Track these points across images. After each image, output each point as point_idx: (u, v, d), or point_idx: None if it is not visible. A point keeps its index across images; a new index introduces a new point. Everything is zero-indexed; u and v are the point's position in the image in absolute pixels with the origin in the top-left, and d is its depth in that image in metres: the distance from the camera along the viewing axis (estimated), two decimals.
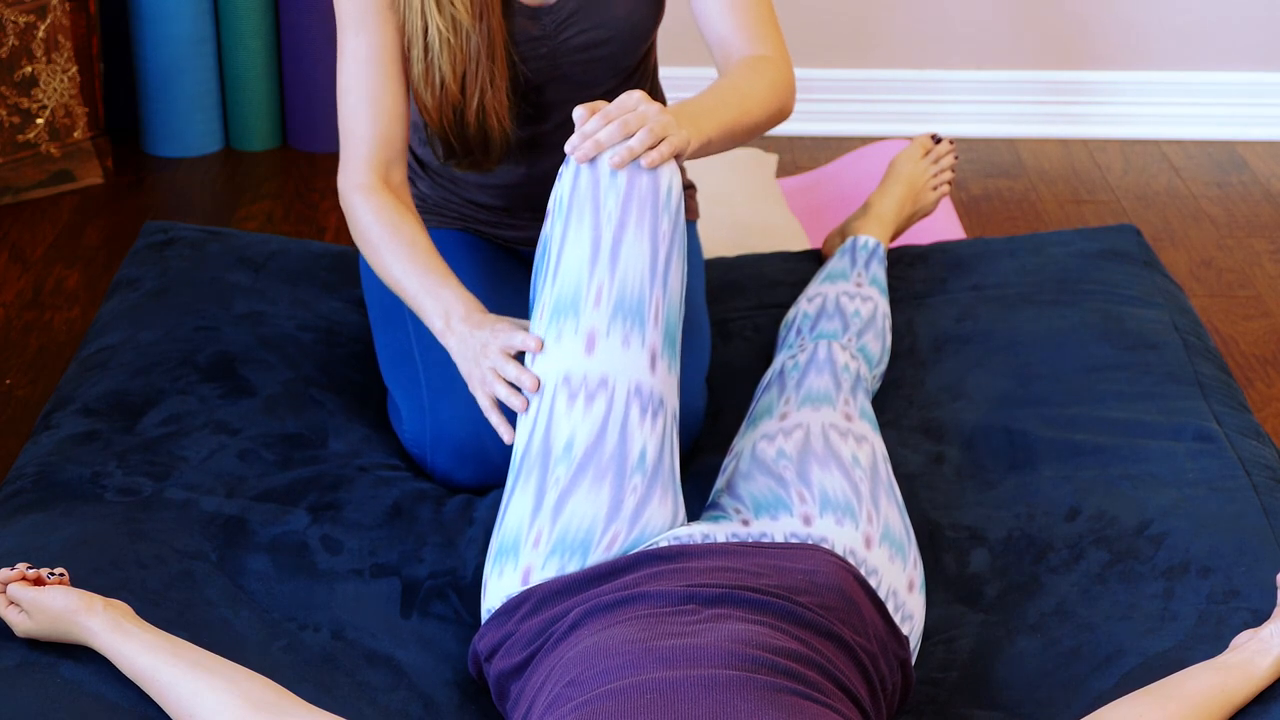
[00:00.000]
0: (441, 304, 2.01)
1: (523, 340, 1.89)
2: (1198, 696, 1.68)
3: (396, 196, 2.10)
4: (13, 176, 3.66)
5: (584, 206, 1.84)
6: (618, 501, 1.81)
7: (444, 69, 2.07)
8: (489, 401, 1.96)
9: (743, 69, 2.10)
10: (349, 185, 2.11)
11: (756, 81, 2.08)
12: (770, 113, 2.09)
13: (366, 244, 2.09)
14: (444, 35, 2.05)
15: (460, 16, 2.05)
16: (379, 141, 2.11)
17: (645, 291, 1.84)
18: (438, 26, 2.05)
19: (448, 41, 2.06)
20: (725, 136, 1.99)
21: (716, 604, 1.70)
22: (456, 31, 2.06)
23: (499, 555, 1.84)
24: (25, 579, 1.78)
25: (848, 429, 1.99)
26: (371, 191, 2.10)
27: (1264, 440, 2.21)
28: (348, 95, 2.12)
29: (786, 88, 2.13)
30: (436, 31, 2.05)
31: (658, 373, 1.85)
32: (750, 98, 2.05)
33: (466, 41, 2.06)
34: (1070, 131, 4.06)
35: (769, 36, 2.15)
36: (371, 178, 2.10)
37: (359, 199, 2.10)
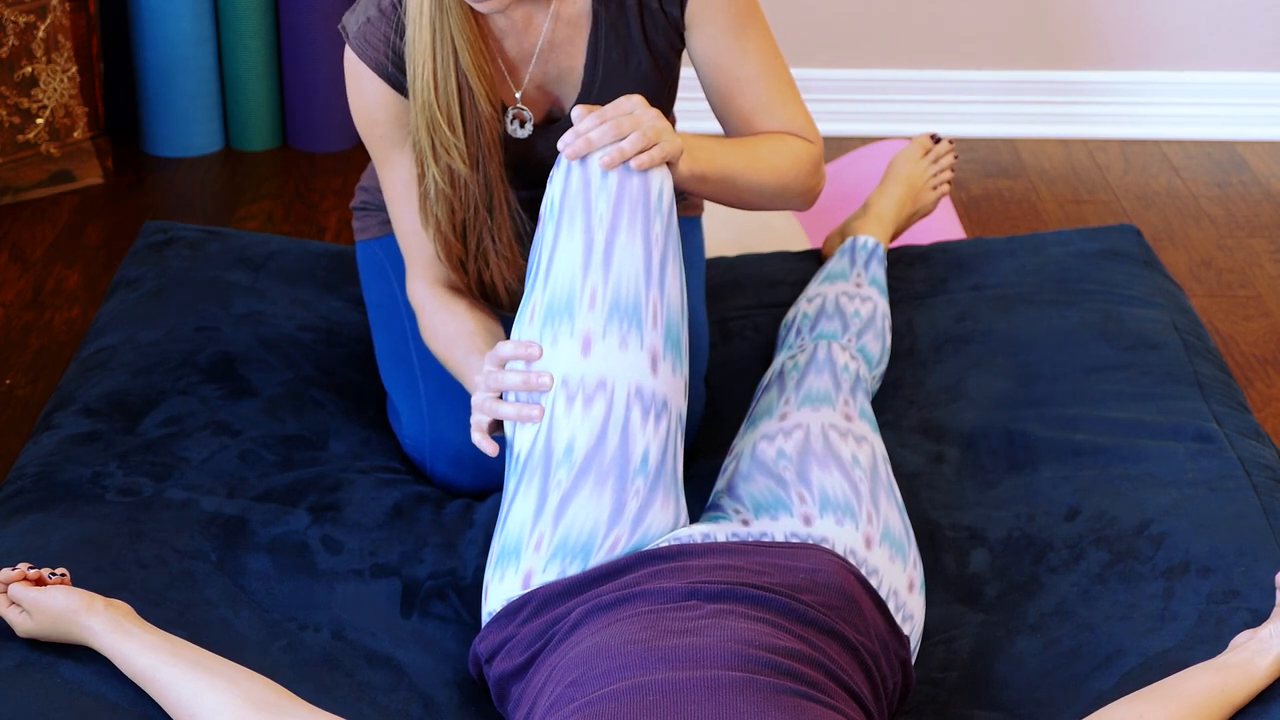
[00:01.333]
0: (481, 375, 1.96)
1: (514, 348, 1.84)
2: (1198, 696, 1.68)
3: (458, 292, 2.08)
4: (13, 176, 3.66)
5: (575, 208, 1.84)
6: (620, 505, 1.81)
7: (441, 218, 2.01)
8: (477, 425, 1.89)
9: (768, 136, 2.05)
10: (414, 298, 2.10)
11: (777, 150, 2.03)
12: (784, 184, 2.04)
13: (428, 342, 2.08)
14: (439, 185, 1.99)
15: (457, 166, 1.98)
16: (430, 262, 2.08)
17: (641, 293, 1.83)
18: (434, 176, 1.99)
19: (443, 192, 1.99)
20: (723, 180, 1.96)
21: (719, 599, 1.69)
22: (453, 183, 1.99)
23: (500, 558, 1.84)
24: (26, 579, 1.78)
25: (847, 429, 1.99)
26: (430, 298, 2.08)
27: (1264, 440, 2.21)
28: (397, 221, 2.09)
29: (811, 169, 2.06)
30: (433, 180, 1.99)
31: (660, 375, 1.84)
32: (763, 160, 2.01)
33: (464, 191, 2.00)
34: (1070, 131, 4.06)
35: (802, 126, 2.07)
36: (433, 289, 2.09)
37: (422, 303, 2.08)
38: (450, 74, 1.94)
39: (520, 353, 1.83)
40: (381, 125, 2.03)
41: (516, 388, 1.83)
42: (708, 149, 1.94)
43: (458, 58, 1.94)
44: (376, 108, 2.02)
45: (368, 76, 2.00)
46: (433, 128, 1.96)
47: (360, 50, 2.00)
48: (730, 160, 1.97)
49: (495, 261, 2.05)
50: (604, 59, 2.03)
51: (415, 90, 1.95)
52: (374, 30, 1.99)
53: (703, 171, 1.92)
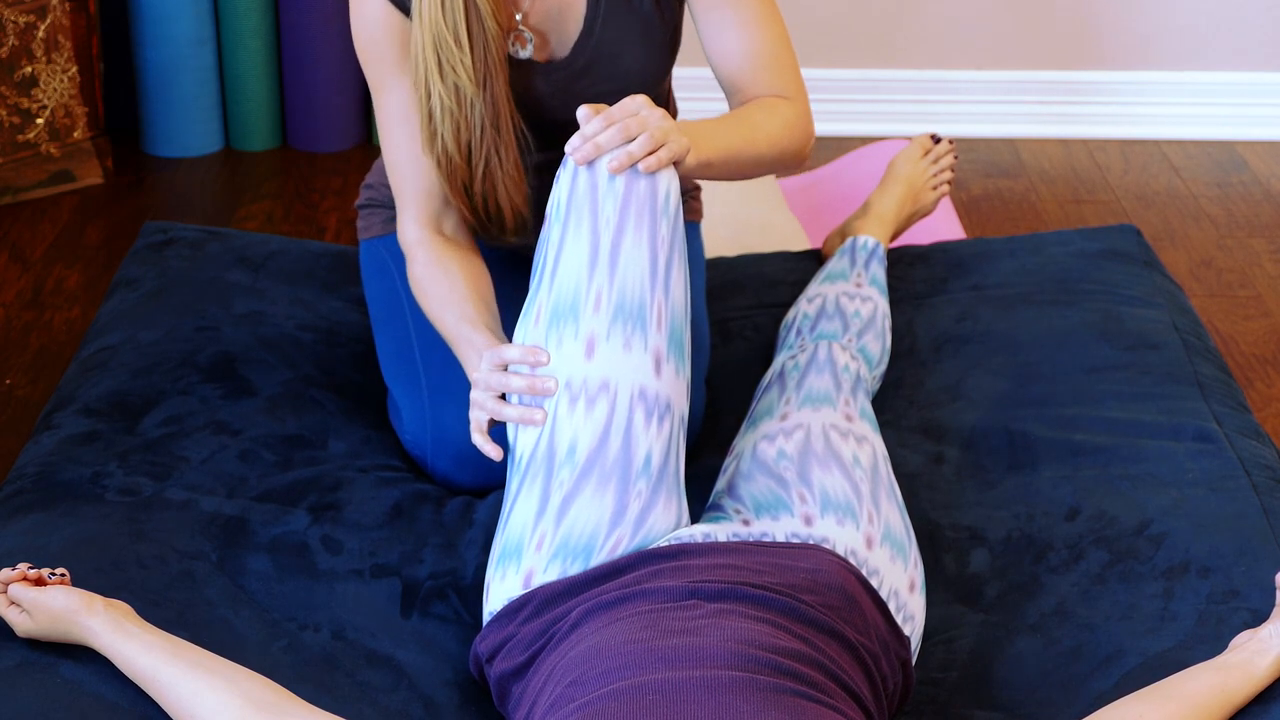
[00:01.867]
0: (475, 352, 1.97)
1: (521, 352, 1.84)
2: (1198, 697, 1.68)
3: (449, 242, 2.08)
4: (13, 176, 3.66)
5: (582, 210, 1.84)
6: (622, 506, 1.81)
7: (446, 139, 2.01)
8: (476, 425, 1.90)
9: (755, 104, 2.06)
10: (405, 243, 2.10)
11: (770, 118, 2.04)
12: (779, 148, 2.04)
13: (416, 294, 2.07)
14: (445, 104, 1.99)
15: (463, 83, 1.98)
16: (424, 197, 2.07)
17: (646, 295, 1.83)
18: (440, 94, 1.98)
19: (450, 110, 1.99)
20: (727, 162, 1.96)
21: (719, 599, 1.69)
22: (460, 101, 1.99)
23: (502, 558, 1.84)
24: (26, 579, 1.78)
25: (848, 429, 1.99)
26: (424, 245, 2.07)
27: (1264, 440, 2.21)
28: (388, 153, 2.09)
29: (801, 127, 2.08)
30: (439, 99, 1.99)
31: (663, 377, 1.84)
32: (760, 131, 2.01)
33: (470, 110, 2.00)
34: (1070, 131, 4.06)
35: (789, 81, 2.09)
36: (423, 232, 2.08)
37: (417, 253, 2.08)
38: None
39: (528, 358, 1.83)
40: (382, 45, 2.03)
41: (520, 390, 1.83)
42: (709, 135, 1.94)
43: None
44: (378, 27, 2.02)
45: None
46: (439, 45, 1.96)
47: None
48: (730, 140, 1.97)
49: (502, 181, 2.04)
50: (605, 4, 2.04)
51: (421, 8, 1.96)
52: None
53: (708, 158, 1.93)
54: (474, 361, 1.97)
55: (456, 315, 2.01)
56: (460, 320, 2.00)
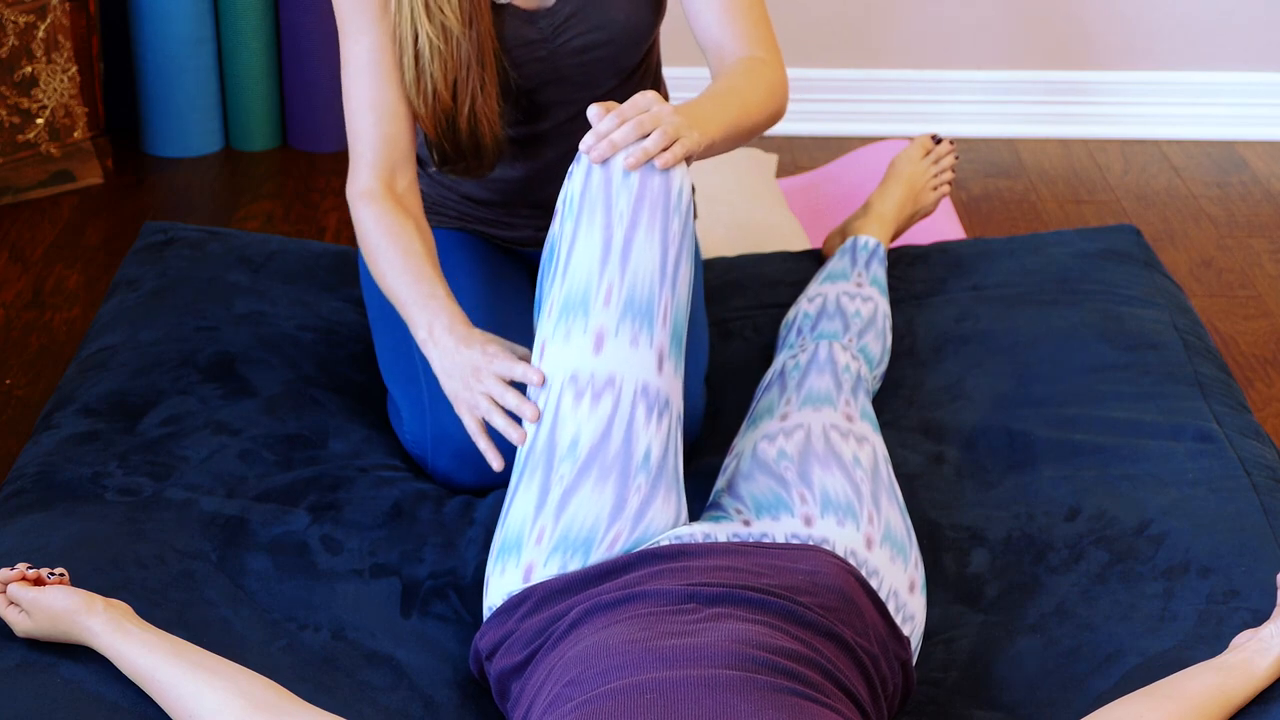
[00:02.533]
0: (426, 314, 2.00)
1: (524, 372, 1.87)
2: (1198, 697, 1.67)
3: (400, 203, 2.10)
4: (13, 176, 3.66)
5: (595, 206, 1.84)
6: (621, 501, 1.81)
7: (435, 76, 2.06)
8: (477, 425, 1.95)
9: (739, 72, 2.10)
10: (354, 192, 2.11)
11: (754, 84, 2.08)
12: (768, 114, 2.09)
13: (365, 251, 2.09)
14: (434, 43, 2.04)
15: (450, 23, 2.04)
16: (383, 144, 2.10)
17: (655, 292, 1.84)
18: (427, 34, 2.04)
19: (438, 49, 2.05)
20: (727, 138, 2.00)
21: (717, 603, 1.70)
22: (447, 39, 2.05)
23: (501, 552, 1.84)
24: (25, 579, 1.78)
25: (849, 429, 1.99)
26: (374, 198, 2.09)
27: (1264, 440, 2.21)
28: (350, 100, 2.11)
29: (782, 89, 2.13)
30: (426, 39, 2.04)
31: (664, 373, 1.85)
32: (749, 100, 2.05)
33: (457, 48, 2.05)
34: (1070, 131, 4.06)
35: (763, 39, 2.15)
36: (376, 184, 2.10)
37: (363, 206, 2.10)
38: None
39: (528, 377, 1.86)
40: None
41: (512, 407, 1.87)
42: (709, 117, 1.96)
43: None
44: None
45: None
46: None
47: None
48: (728, 117, 2.00)
49: (484, 114, 2.09)
50: None
51: None
52: None
53: (711, 139, 1.95)
54: (422, 320, 1.99)
55: (413, 277, 2.03)
56: (417, 280, 2.02)
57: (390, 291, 2.05)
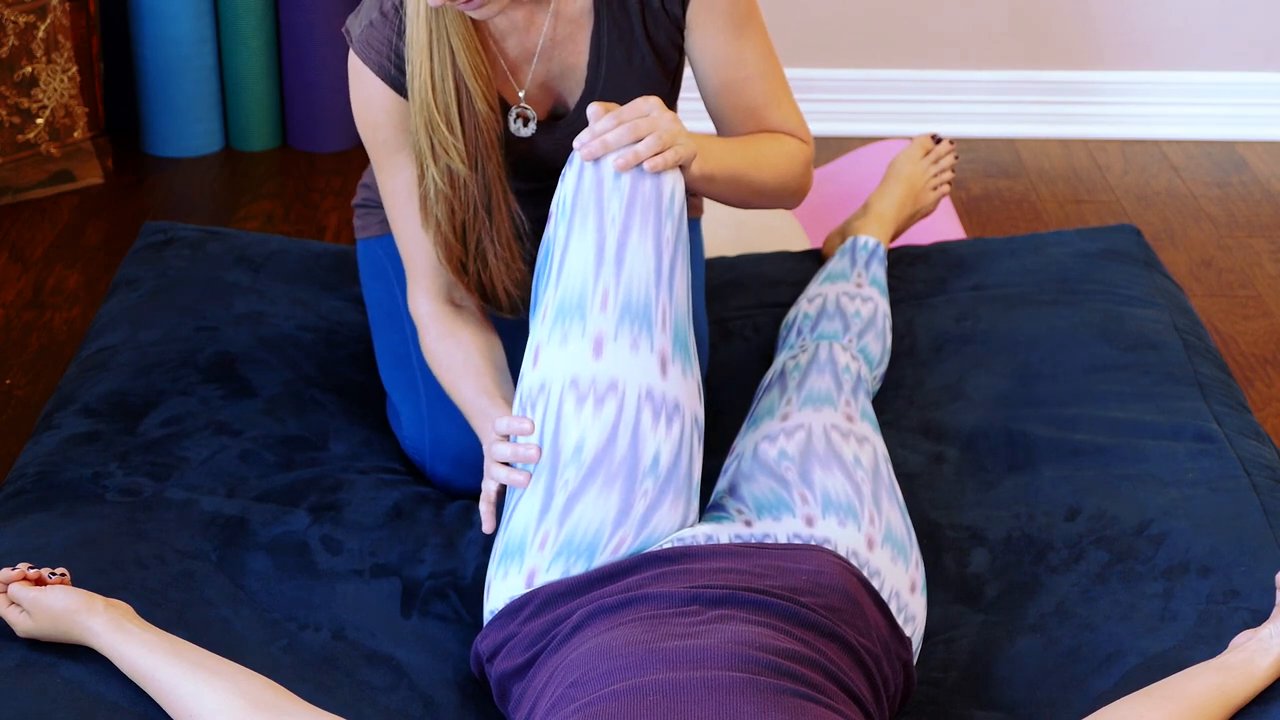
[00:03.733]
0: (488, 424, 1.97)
1: (507, 425, 1.85)
2: (1198, 697, 1.67)
3: (460, 311, 2.08)
4: (13, 176, 3.66)
5: (588, 209, 1.84)
6: (627, 505, 1.81)
7: (442, 220, 2.01)
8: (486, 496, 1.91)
9: (768, 135, 2.08)
10: (417, 313, 2.10)
11: (777, 150, 2.06)
12: (781, 183, 2.07)
13: (432, 365, 2.08)
14: (439, 186, 1.99)
15: (456, 166, 1.98)
16: (434, 270, 2.07)
17: (651, 296, 1.83)
18: (433, 176, 1.99)
19: (443, 194, 1.99)
20: (729, 180, 1.98)
21: (720, 605, 1.70)
22: (453, 183, 1.99)
23: (504, 556, 1.84)
24: (26, 579, 1.78)
25: (849, 430, 1.99)
26: (433, 317, 2.08)
27: (1264, 440, 2.21)
28: (397, 226, 2.08)
29: (803, 163, 2.10)
30: (432, 181, 1.99)
31: (670, 378, 1.84)
32: (764, 158, 2.03)
33: (464, 191, 2.00)
34: (1070, 131, 4.06)
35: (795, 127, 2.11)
36: (434, 305, 2.09)
37: (424, 321, 2.08)
38: (448, 74, 1.94)
39: (514, 427, 1.84)
40: (384, 129, 2.03)
41: (507, 458, 1.85)
42: (715, 150, 1.95)
43: (454, 57, 1.94)
44: (379, 111, 2.02)
45: (370, 80, 2.00)
46: (431, 128, 1.96)
47: (363, 53, 2.00)
48: (736, 161, 1.99)
49: (494, 263, 2.05)
50: (607, 57, 2.03)
51: (413, 90, 1.95)
52: (376, 33, 1.99)
53: (711, 172, 1.93)
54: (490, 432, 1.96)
55: (474, 388, 2.02)
56: (478, 393, 2.01)
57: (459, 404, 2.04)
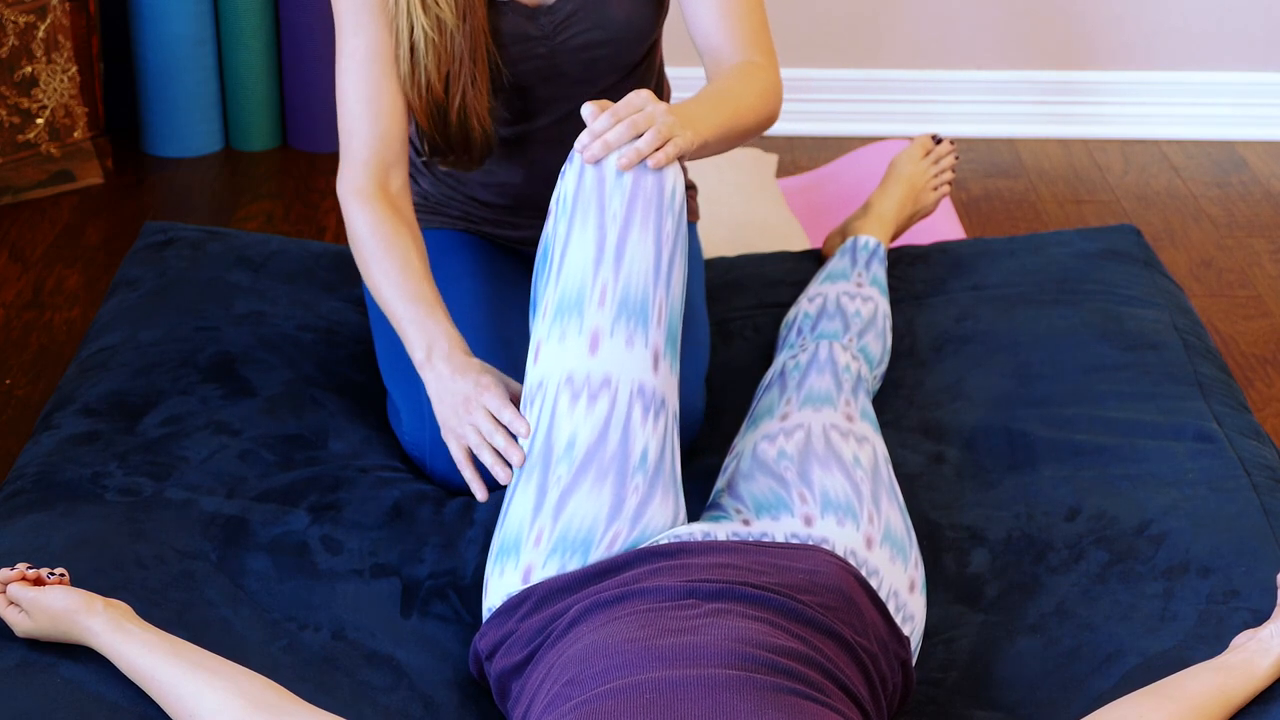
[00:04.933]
0: (425, 336, 2.00)
1: (511, 419, 1.87)
2: (1198, 697, 1.68)
3: (394, 207, 2.09)
4: (13, 176, 3.66)
5: (589, 206, 1.85)
6: (619, 501, 1.81)
7: (429, 69, 2.08)
8: (464, 455, 1.95)
9: (734, 75, 2.10)
10: (346, 189, 2.11)
11: (749, 87, 2.08)
12: (761, 117, 2.10)
13: (359, 256, 2.09)
14: (429, 35, 2.06)
15: (445, 16, 2.05)
16: (378, 141, 2.10)
17: (649, 291, 1.84)
18: (423, 26, 2.05)
19: (433, 42, 2.06)
20: (720, 139, 2.00)
21: (717, 599, 1.70)
22: (441, 31, 2.06)
23: (500, 554, 1.84)
24: (25, 579, 1.78)
25: (849, 429, 1.99)
26: (368, 200, 2.09)
27: (1264, 440, 2.21)
28: (345, 95, 2.12)
29: (775, 94, 2.13)
30: (422, 31, 2.06)
31: (660, 373, 1.85)
32: (743, 102, 2.05)
33: (450, 41, 2.07)
34: (1070, 131, 4.06)
35: (760, 44, 2.15)
36: (369, 183, 2.09)
37: (356, 207, 2.09)
38: None
39: (518, 427, 1.86)
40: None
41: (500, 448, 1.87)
42: (703, 116, 1.96)
43: None
44: None
45: None
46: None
47: None
48: (722, 118, 2.00)
49: (475, 108, 2.10)
50: None
51: None
52: None
53: (704, 139, 1.95)
54: (420, 342, 1.99)
55: (410, 294, 2.03)
56: (414, 299, 2.02)
57: (385, 304, 2.05)
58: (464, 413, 1.93)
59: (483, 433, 1.90)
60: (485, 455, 1.89)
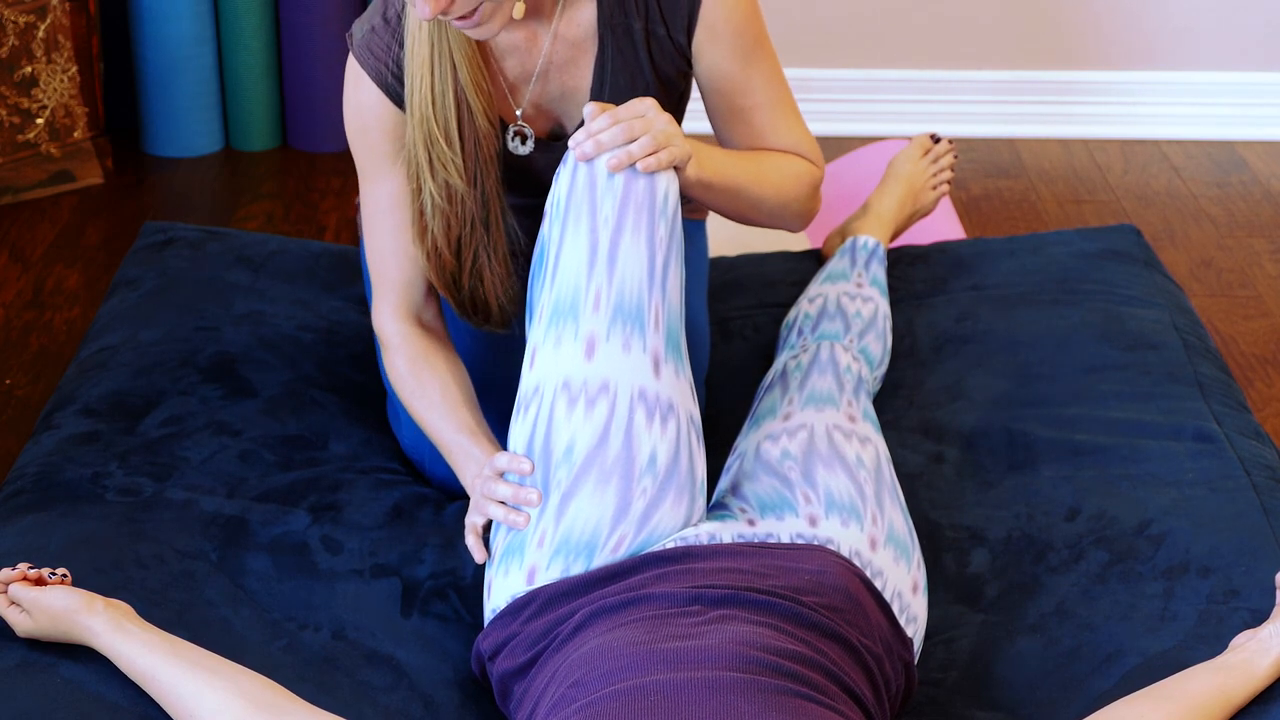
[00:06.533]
0: (475, 463, 1.96)
1: (508, 461, 1.84)
2: (1198, 697, 1.68)
3: (427, 335, 2.06)
4: (13, 176, 3.66)
5: (581, 209, 1.84)
6: (625, 504, 1.81)
7: (436, 234, 2.00)
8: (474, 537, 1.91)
9: (775, 153, 2.06)
10: (383, 331, 2.07)
11: (782, 167, 2.04)
12: (784, 201, 2.05)
13: (400, 389, 2.05)
14: (437, 202, 1.98)
15: (454, 181, 1.97)
16: (406, 287, 2.06)
17: (644, 296, 1.83)
18: (431, 191, 1.98)
19: (440, 208, 1.98)
20: (727, 190, 1.97)
21: (722, 605, 1.70)
22: (450, 198, 1.99)
23: (504, 554, 1.84)
24: (26, 579, 1.78)
25: (851, 430, 1.99)
26: (403, 338, 2.05)
27: (1264, 440, 2.21)
28: (371, 239, 2.06)
29: (811, 189, 2.08)
30: (429, 196, 1.98)
31: (663, 377, 1.84)
32: (767, 173, 2.02)
33: (461, 207, 1.99)
34: (1070, 131, 4.06)
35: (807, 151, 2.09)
36: (403, 325, 2.06)
37: (393, 342, 2.05)
38: (449, 89, 1.93)
39: (514, 466, 1.84)
40: (373, 135, 2.01)
41: (507, 498, 1.84)
42: (715, 157, 1.94)
43: (456, 74, 1.93)
44: (371, 117, 2.00)
45: (367, 85, 1.99)
46: (430, 142, 1.95)
47: (362, 58, 1.99)
48: (736, 171, 1.98)
49: (489, 278, 2.04)
50: (610, 84, 2.02)
51: (413, 105, 1.94)
52: (377, 39, 1.98)
53: (709, 179, 1.93)
54: (471, 470, 1.96)
55: (454, 425, 1.99)
56: (459, 430, 1.99)
57: (432, 434, 2.02)
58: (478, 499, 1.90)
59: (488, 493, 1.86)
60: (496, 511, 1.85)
